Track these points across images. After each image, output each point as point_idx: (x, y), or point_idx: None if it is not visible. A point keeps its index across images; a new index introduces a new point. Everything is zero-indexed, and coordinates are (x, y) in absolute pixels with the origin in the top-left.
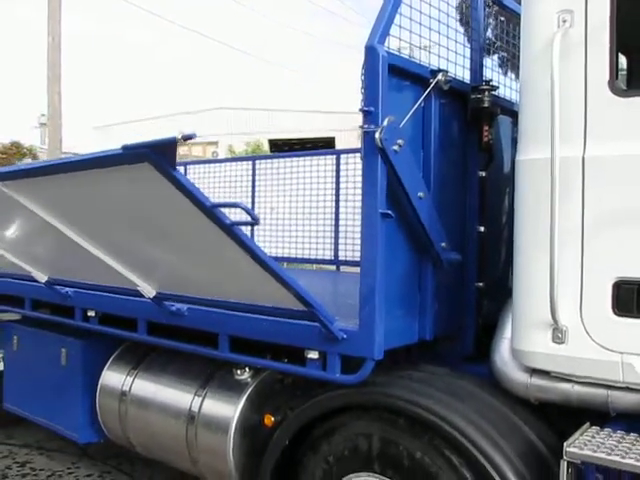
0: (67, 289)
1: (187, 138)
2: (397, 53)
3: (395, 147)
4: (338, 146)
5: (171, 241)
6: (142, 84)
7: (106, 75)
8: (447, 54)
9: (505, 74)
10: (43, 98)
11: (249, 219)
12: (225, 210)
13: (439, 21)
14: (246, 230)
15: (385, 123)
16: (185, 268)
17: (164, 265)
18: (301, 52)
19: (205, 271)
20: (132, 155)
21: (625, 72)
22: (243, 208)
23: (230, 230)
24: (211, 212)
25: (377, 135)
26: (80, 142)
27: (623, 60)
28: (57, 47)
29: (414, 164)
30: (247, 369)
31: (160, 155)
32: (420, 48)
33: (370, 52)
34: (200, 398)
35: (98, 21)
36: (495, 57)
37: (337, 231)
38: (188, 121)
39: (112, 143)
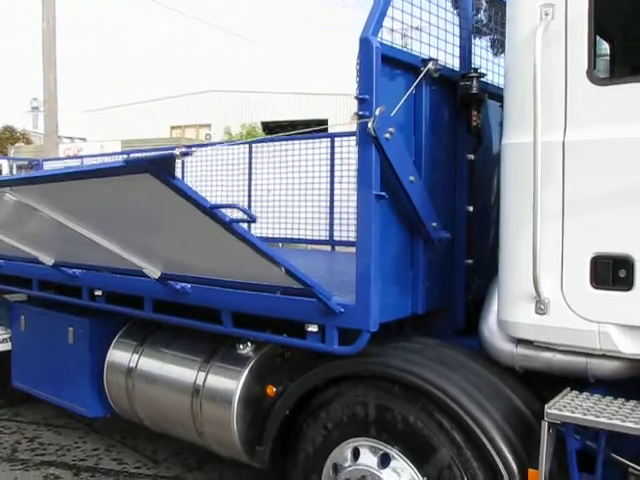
0: (74, 270)
1: (185, 154)
2: (390, 44)
3: (387, 135)
4: (333, 128)
5: (175, 235)
6: (135, 68)
7: (98, 59)
8: (437, 43)
9: (494, 60)
10: (35, 82)
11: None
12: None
13: (430, 12)
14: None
15: (377, 113)
16: (188, 256)
17: (168, 253)
18: (298, 35)
19: (207, 258)
20: (134, 167)
21: (609, 58)
22: (240, 209)
23: (229, 227)
24: (211, 213)
25: (370, 124)
26: (70, 125)
27: (607, 47)
28: (52, 32)
29: (405, 150)
30: (249, 344)
31: (159, 168)
32: (412, 38)
33: (364, 43)
34: (204, 372)
35: (89, 3)
36: (484, 43)
37: (332, 212)
38: (181, 104)
39: (102, 127)
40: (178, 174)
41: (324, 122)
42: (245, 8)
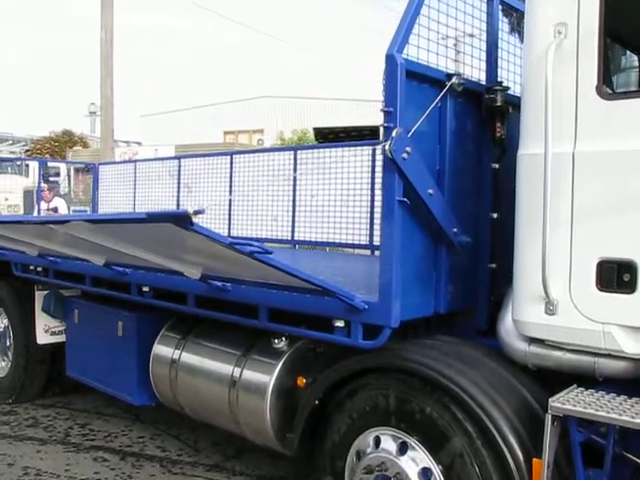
0: (124, 268)
1: (198, 213)
2: (415, 60)
3: (404, 155)
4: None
5: (206, 254)
6: (191, 75)
7: (157, 65)
8: (463, 58)
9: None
10: (93, 87)
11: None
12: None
13: (456, 29)
14: (288, 218)
15: (394, 134)
16: (222, 267)
17: (203, 264)
18: (346, 40)
19: (239, 270)
20: (155, 219)
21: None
22: (256, 246)
23: (251, 257)
24: (231, 247)
25: (387, 147)
26: (127, 129)
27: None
28: (109, 41)
29: (423, 166)
30: (284, 339)
31: (177, 221)
32: (437, 54)
33: (390, 60)
34: (241, 365)
35: (146, 12)
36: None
37: (372, 218)
38: (235, 109)
39: (158, 131)
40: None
41: (377, 129)
42: (300, 16)
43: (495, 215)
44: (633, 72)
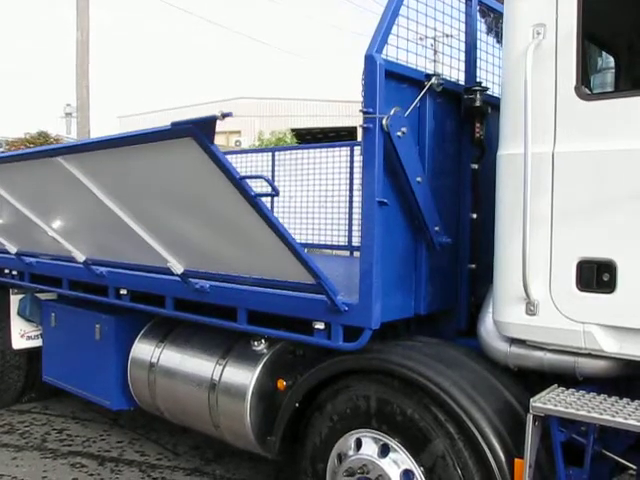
0: (102, 269)
1: (225, 115)
2: (394, 60)
3: (399, 133)
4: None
5: (201, 213)
6: (168, 75)
7: (133, 66)
8: (442, 59)
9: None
10: (68, 88)
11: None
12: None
13: (435, 29)
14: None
15: (392, 112)
16: (211, 242)
17: (193, 239)
18: (321, 41)
19: (229, 244)
20: (178, 130)
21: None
22: (266, 180)
23: (254, 201)
24: (239, 183)
25: (384, 121)
26: (103, 131)
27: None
28: (85, 42)
29: (414, 151)
30: (263, 341)
31: (202, 130)
32: (417, 55)
33: (369, 60)
34: (221, 367)
35: (121, 13)
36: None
37: (351, 219)
38: (211, 111)
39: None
40: None
41: (354, 129)
42: (276, 17)
43: (475, 215)
44: (610, 73)
